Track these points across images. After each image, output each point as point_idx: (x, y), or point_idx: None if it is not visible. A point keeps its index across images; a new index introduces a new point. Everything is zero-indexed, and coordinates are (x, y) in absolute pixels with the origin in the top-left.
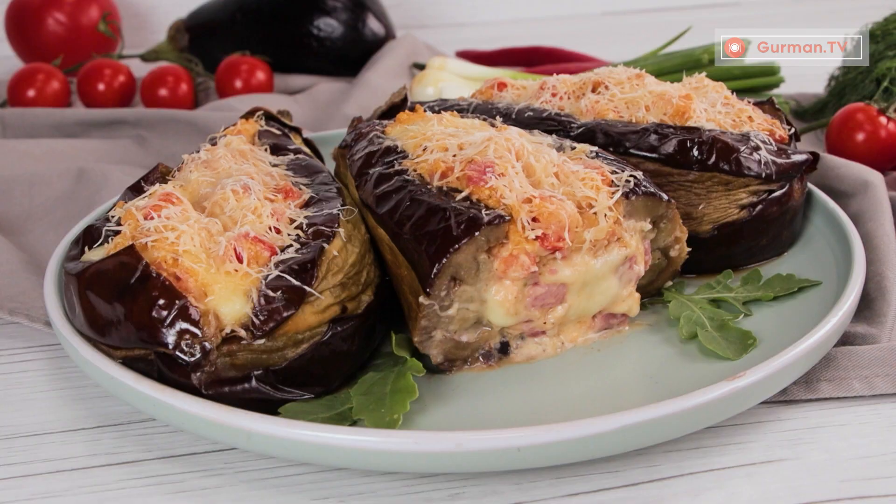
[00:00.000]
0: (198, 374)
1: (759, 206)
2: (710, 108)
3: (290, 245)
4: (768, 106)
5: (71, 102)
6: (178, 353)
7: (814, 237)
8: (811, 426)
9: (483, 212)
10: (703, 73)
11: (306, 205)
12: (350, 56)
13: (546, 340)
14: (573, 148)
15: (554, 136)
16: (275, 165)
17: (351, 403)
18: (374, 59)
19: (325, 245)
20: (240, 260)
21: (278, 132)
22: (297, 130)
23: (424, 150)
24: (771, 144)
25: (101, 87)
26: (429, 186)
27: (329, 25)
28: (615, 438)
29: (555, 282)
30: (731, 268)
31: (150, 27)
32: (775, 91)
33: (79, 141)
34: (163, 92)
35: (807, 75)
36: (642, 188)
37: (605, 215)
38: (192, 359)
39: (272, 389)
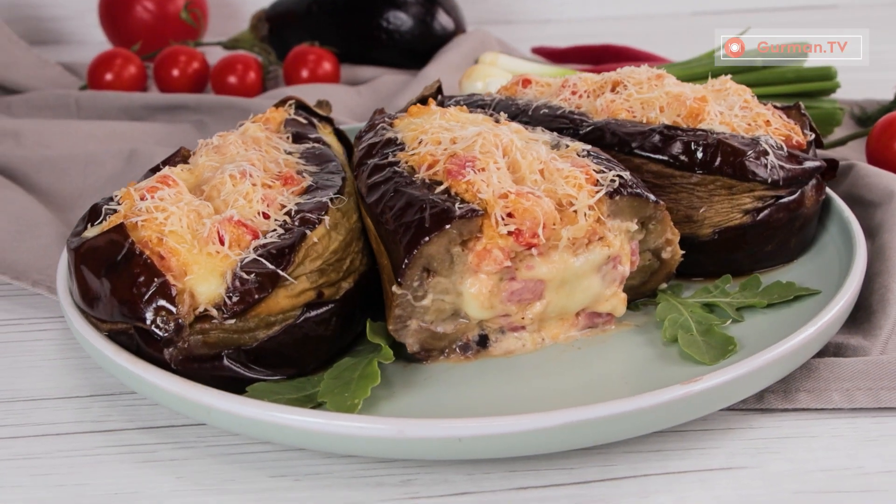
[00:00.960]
0: (170, 349)
1: (764, 212)
2: (728, 111)
3: (275, 230)
4: (794, 111)
5: (147, 87)
6: (153, 328)
7: (827, 246)
8: (782, 436)
9: (456, 205)
10: (729, 76)
11: (305, 192)
12: (419, 49)
13: (526, 336)
14: (567, 146)
15: (555, 133)
16: (289, 153)
17: (320, 387)
18: (440, 52)
19: (308, 232)
20: (222, 242)
21: (304, 121)
22: (329, 121)
23: (420, 143)
24: (782, 150)
25: (175, 72)
26: (414, 178)
27: (399, 18)
28: (555, 435)
29: (532, 278)
30: (735, 273)
31: (241, 16)
32: (835, 95)
33: (141, 124)
34: (232, 79)
35: (872, 81)
36: (628, 189)
37: (585, 214)
38: (166, 334)
39: (243, 368)
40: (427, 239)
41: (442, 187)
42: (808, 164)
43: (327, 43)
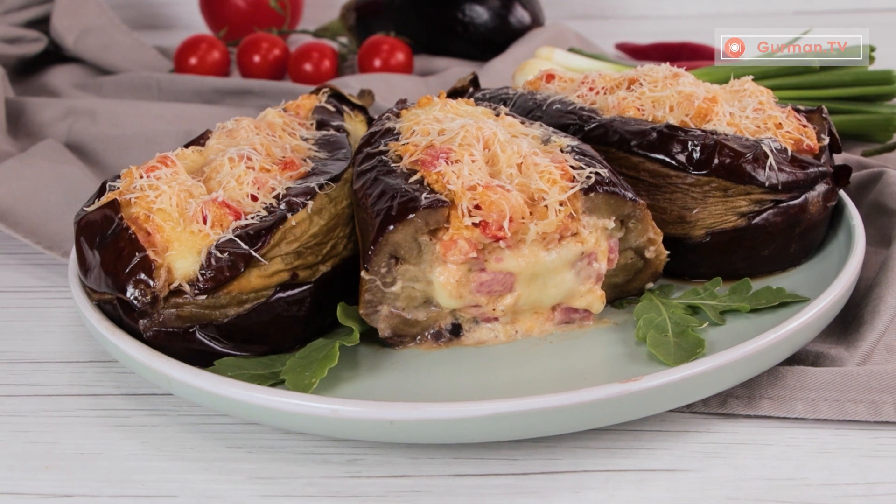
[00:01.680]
0: (144, 320)
1: (760, 216)
2: (740, 112)
3: (259, 213)
4: (817, 115)
5: (230, 72)
6: (132, 299)
7: (832, 253)
8: (735, 442)
9: (423, 195)
10: (751, 77)
11: (303, 177)
12: (494, 42)
13: (499, 327)
14: (555, 142)
15: (550, 129)
16: (305, 139)
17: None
18: (512, 46)
19: (289, 215)
20: (205, 222)
21: (333, 109)
22: (363, 109)
23: (412, 133)
24: (785, 153)
25: (256, 58)
26: (395, 168)
27: (475, 11)
28: (483, 425)
29: (501, 270)
30: (732, 276)
31: (338, 4)
32: None
33: (208, 107)
34: (307, 67)
35: None
36: (604, 186)
37: (557, 209)
38: (141, 306)
39: (215, 343)
40: (392, 227)
41: (415, 177)
42: (812, 170)
43: (408, 33)
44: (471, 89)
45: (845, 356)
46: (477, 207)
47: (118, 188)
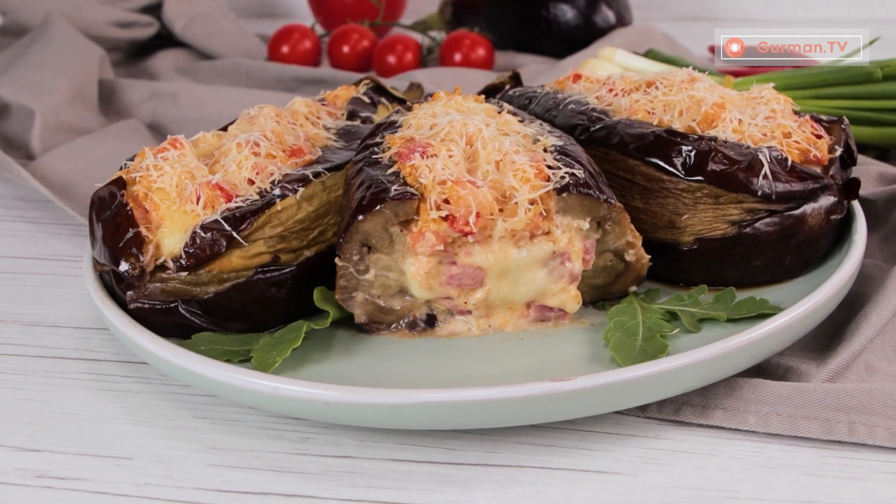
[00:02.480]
0: (131, 292)
1: (751, 225)
2: (750, 119)
3: (251, 196)
4: (837, 126)
5: (320, 61)
6: (122, 272)
7: (834, 267)
8: (680, 449)
9: (394, 187)
10: (771, 85)
11: (307, 165)
12: (578, 40)
13: (472, 320)
14: (541, 141)
15: (547, 127)
16: (327, 128)
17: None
18: (592, 45)
19: (277, 200)
20: (198, 202)
21: (367, 101)
22: (402, 102)
23: (409, 127)
24: (785, 162)
25: (345, 49)
26: (380, 159)
27: (560, 10)
28: (410, 413)
29: (470, 264)
30: (722, 284)
31: None
32: None
33: (284, 94)
34: (391, 59)
35: None
36: (578, 187)
37: (526, 208)
38: (130, 279)
39: (196, 318)
40: (361, 217)
41: (392, 169)
42: (809, 181)
43: (498, 29)
44: (507, 86)
45: (812, 372)
46: (446, 202)
47: (130, 166)
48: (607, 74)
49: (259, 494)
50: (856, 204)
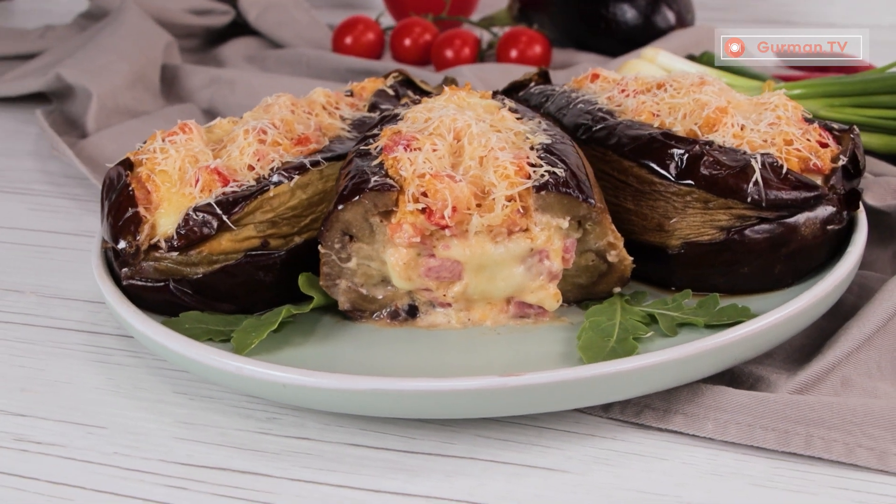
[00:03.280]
0: (125, 269)
1: (739, 232)
2: (753, 125)
3: (248, 182)
4: (846, 135)
5: (382, 53)
6: (120, 249)
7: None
8: (634, 452)
9: (374, 178)
10: (782, 91)
11: (311, 154)
12: (636, 41)
13: (452, 313)
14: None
15: (544, 127)
16: (344, 119)
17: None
18: (648, 46)
19: (271, 187)
20: (196, 185)
21: (392, 93)
22: (429, 95)
23: (407, 120)
24: (779, 170)
25: (407, 42)
26: (371, 150)
27: (620, 9)
28: (361, 399)
29: (448, 257)
30: (711, 290)
31: None
32: None
33: (336, 85)
34: (448, 53)
35: None
36: (558, 186)
37: (503, 204)
38: (125, 257)
39: (186, 297)
40: (342, 206)
41: (377, 161)
42: (803, 190)
43: (561, 27)
44: (532, 84)
45: (781, 383)
46: (424, 195)
47: (140, 148)
48: (621, 75)
49: (214, 469)
50: (862, 216)
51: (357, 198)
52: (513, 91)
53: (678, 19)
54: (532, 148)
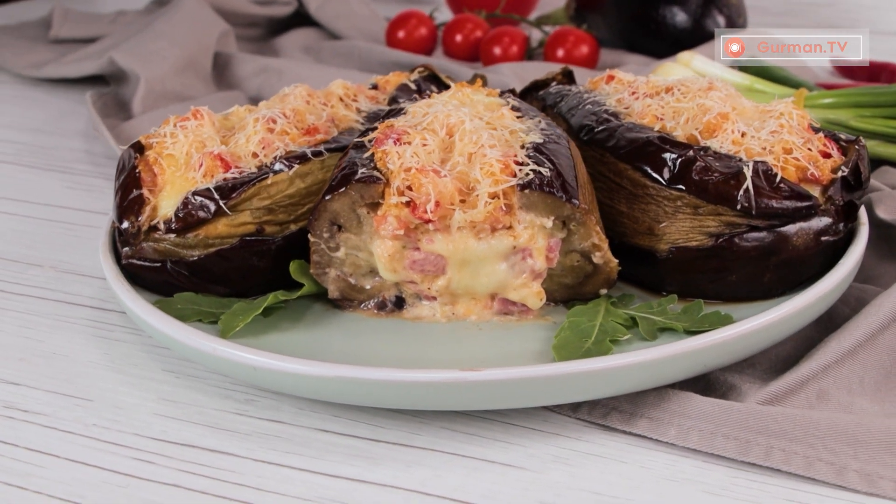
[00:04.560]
0: (126, 248)
1: (728, 239)
2: (755, 132)
3: (250, 168)
4: (852, 145)
5: (434, 48)
6: (122, 229)
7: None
8: (595, 453)
9: (361, 170)
10: (791, 98)
11: (317, 144)
12: (685, 43)
13: (437, 307)
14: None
15: (542, 126)
16: (360, 111)
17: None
18: (697, 48)
19: (270, 175)
20: (199, 170)
21: (413, 88)
22: None
23: (409, 114)
24: (773, 178)
25: (458, 38)
26: (366, 142)
27: (671, 12)
28: (325, 385)
29: (432, 251)
30: (699, 296)
31: None
32: None
33: (373, 75)
34: (496, 50)
35: None
36: (542, 185)
37: (486, 201)
38: (126, 237)
39: (182, 278)
40: (329, 196)
41: (368, 153)
42: (795, 199)
43: (614, 28)
44: (553, 83)
45: (752, 392)
46: (409, 188)
47: (153, 132)
48: (634, 77)
49: (184, 446)
50: (863, 228)
51: (343, 189)
52: (533, 90)
53: (728, 23)
54: (522, 146)
